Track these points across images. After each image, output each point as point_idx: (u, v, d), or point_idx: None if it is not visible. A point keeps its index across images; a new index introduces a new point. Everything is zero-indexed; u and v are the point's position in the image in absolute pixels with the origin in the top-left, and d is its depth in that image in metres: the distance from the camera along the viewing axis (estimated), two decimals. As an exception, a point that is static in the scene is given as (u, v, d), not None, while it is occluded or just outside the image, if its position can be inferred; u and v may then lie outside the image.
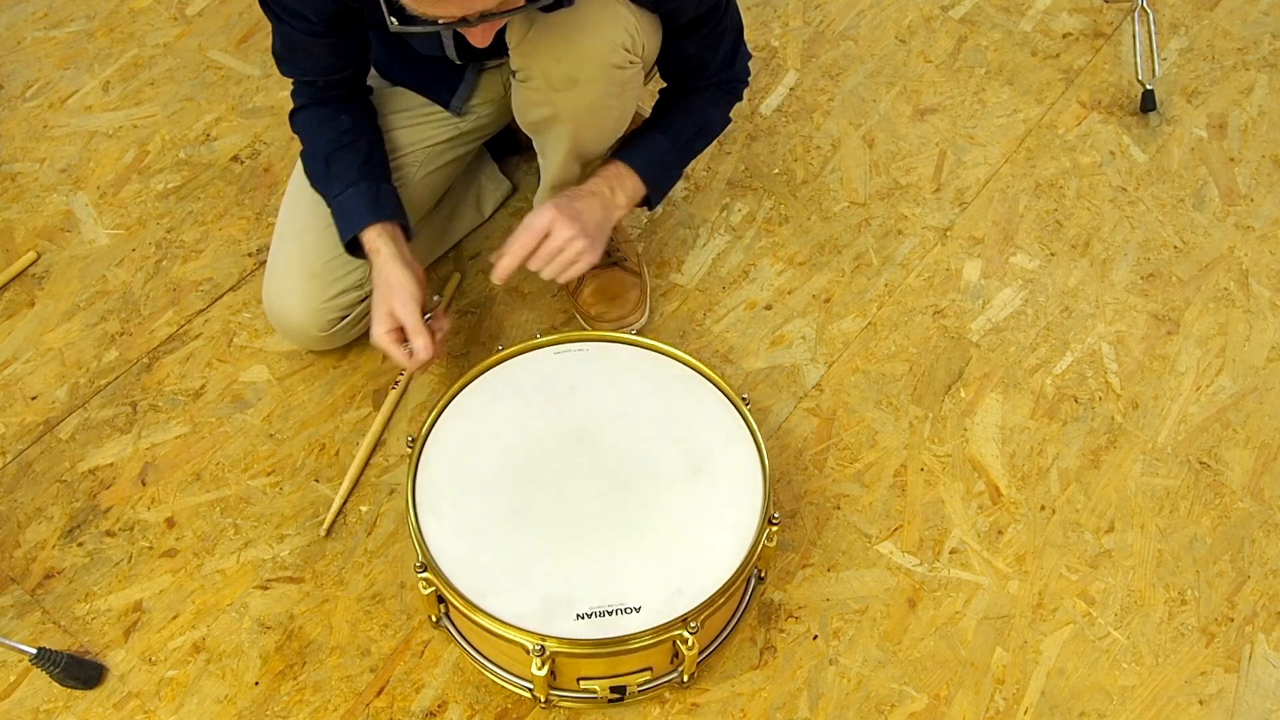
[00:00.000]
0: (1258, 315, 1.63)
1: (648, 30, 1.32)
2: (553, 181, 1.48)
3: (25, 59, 1.95)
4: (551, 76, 1.31)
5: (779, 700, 1.31)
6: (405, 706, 1.30)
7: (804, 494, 1.46)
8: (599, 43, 1.28)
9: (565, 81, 1.31)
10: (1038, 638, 1.35)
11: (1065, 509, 1.45)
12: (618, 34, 1.28)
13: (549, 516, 1.25)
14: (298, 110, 1.43)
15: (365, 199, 1.38)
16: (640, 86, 1.39)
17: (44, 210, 1.75)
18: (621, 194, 1.39)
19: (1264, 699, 1.31)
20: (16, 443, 1.51)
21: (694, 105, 1.44)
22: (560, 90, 1.32)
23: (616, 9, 1.28)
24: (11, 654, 1.33)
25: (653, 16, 1.33)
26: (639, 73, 1.35)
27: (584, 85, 1.31)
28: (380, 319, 1.34)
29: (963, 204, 1.76)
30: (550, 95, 1.33)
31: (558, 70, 1.30)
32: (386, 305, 1.34)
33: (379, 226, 1.36)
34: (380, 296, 1.35)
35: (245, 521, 1.44)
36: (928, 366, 1.58)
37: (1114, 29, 1.98)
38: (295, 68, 1.40)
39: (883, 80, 1.91)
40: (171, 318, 1.62)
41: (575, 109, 1.34)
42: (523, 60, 1.31)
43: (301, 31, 1.31)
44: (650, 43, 1.34)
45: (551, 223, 1.31)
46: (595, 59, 1.29)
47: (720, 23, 1.35)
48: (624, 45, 1.29)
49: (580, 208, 1.34)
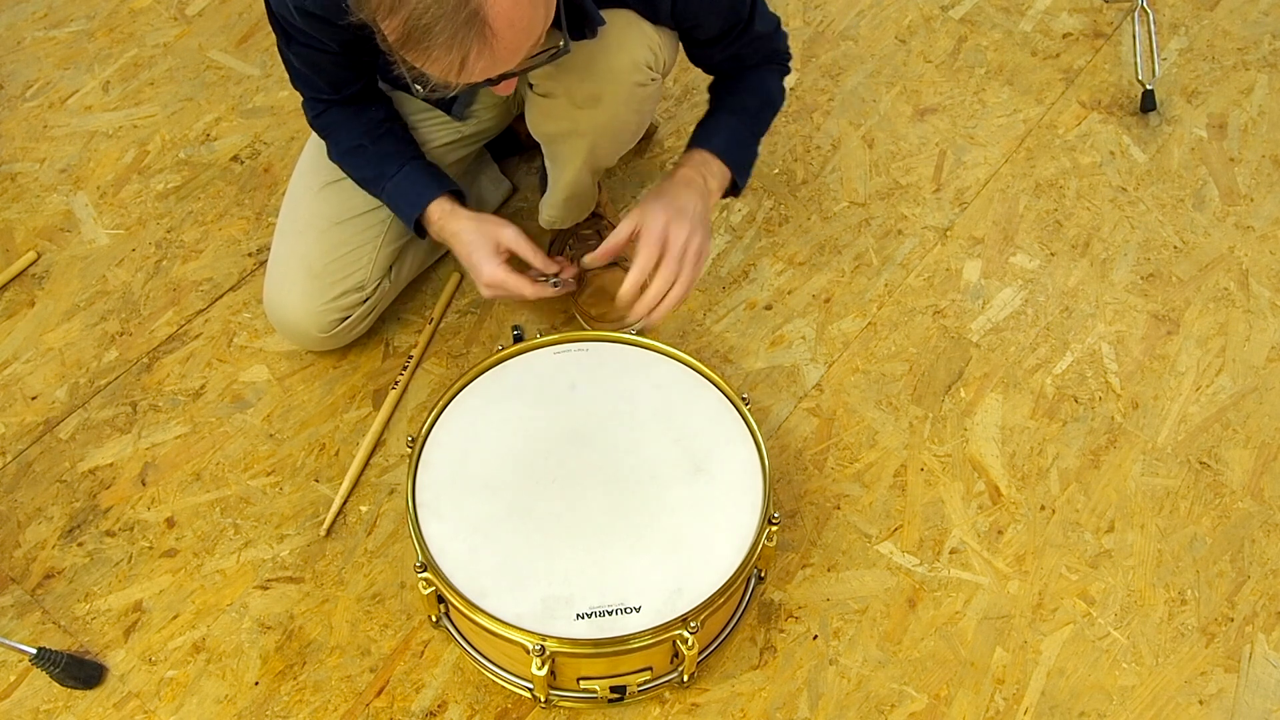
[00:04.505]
0: (1258, 315, 1.63)
1: (668, 44, 1.32)
2: (565, 193, 1.48)
3: (25, 59, 1.95)
4: (575, 95, 1.30)
5: (779, 700, 1.31)
6: (405, 706, 1.30)
7: (804, 494, 1.46)
8: (624, 61, 1.27)
9: (589, 100, 1.30)
10: (1038, 638, 1.35)
11: (1065, 509, 1.45)
12: (642, 52, 1.27)
13: (549, 516, 1.25)
14: (321, 113, 1.41)
15: (424, 175, 1.39)
16: (658, 97, 1.38)
17: (44, 210, 1.75)
18: (713, 179, 1.36)
19: (1264, 699, 1.31)
20: (16, 443, 1.51)
21: (751, 82, 1.41)
22: (583, 108, 1.31)
23: (640, 26, 1.27)
24: (11, 654, 1.33)
25: (671, 31, 1.33)
26: (659, 86, 1.35)
27: (607, 103, 1.31)
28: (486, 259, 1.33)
29: (963, 204, 1.76)
30: (572, 112, 1.33)
31: (582, 89, 1.29)
32: (490, 243, 1.34)
33: (444, 196, 1.38)
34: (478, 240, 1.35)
35: (245, 521, 1.44)
36: (928, 366, 1.58)
37: (1114, 29, 1.98)
38: (308, 84, 1.39)
39: (883, 80, 1.91)
40: (171, 318, 1.62)
41: (596, 125, 1.34)
42: (545, 79, 1.31)
43: (317, 50, 1.30)
44: (669, 56, 1.34)
45: (666, 226, 1.27)
46: (620, 78, 1.28)
47: (746, 32, 1.33)
48: (647, 63, 1.28)
49: (683, 203, 1.29)
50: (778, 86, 1.44)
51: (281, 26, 1.29)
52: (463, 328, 1.61)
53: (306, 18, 1.22)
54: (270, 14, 1.28)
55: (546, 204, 1.54)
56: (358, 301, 1.49)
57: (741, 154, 1.40)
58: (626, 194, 1.76)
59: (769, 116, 1.44)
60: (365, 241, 1.47)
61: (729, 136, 1.39)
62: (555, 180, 1.48)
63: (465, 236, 1.36)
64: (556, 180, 1.47)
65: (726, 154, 1.37)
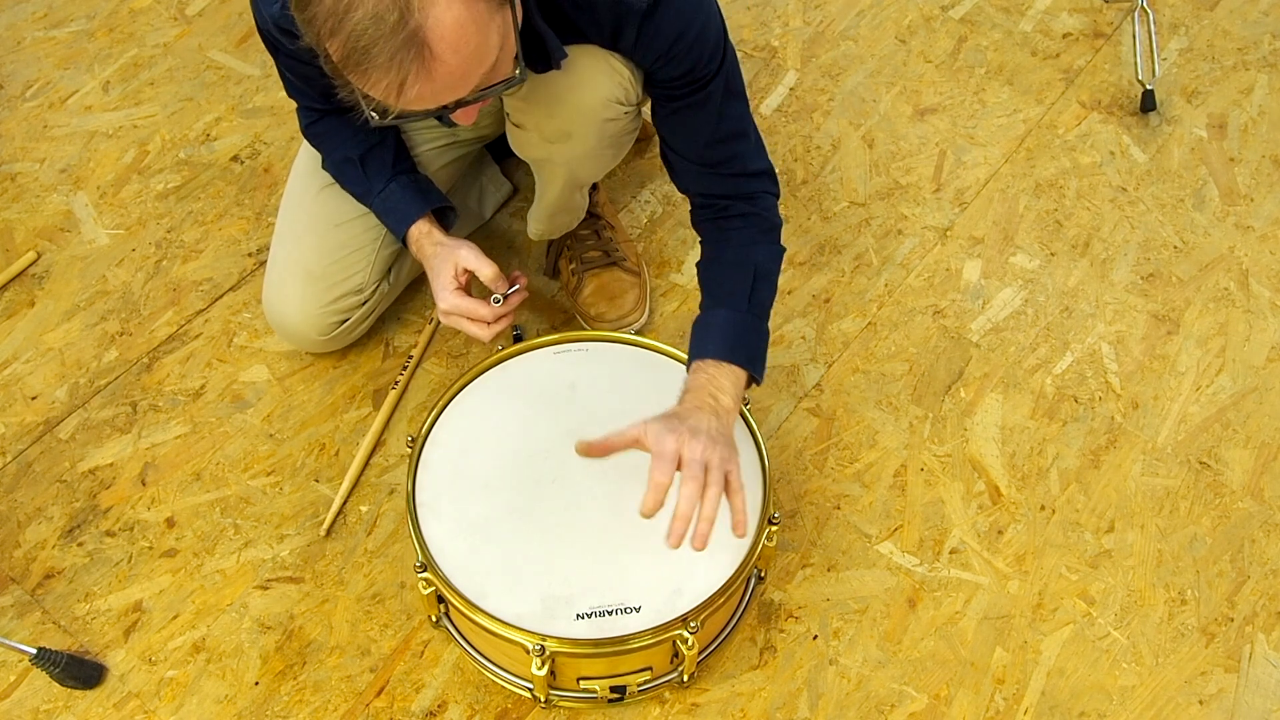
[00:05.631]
0: (1258, 315, 1.63)
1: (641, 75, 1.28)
2: (551, 209, 1.47)
3: (25, 59, 1.95)
4: (545, 131, 1.30)
5: (779, 700, 1.31)
6: (405, 706, 1.30)
7: (804, 494, 1.46)
8: (591, 99, 1.25)
9: (559, 135, 1.30)
10: (1038, 638, 1.35)
11: (1065, 509, 1.45)
12: (610, 89, 1.25)
13: (549, 516, 1.25)
14: (314, 122, 1.41)
15: (411, 191, 1.38)
16: (636, 127, 1.35)
17: (44, 210, 1.75)
18: (724, 395, 1.20)
19: (1264, 699, 1.31)
20: (16, 443, 1.51)
21: (732, 257, 1.29)
22: (554, 142, 1.31)
23: (608, 62, 1.24)
24: (11, 654, 1.33)
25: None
26: (634, 118, 1.32)
27: (577, 139, 1.30)
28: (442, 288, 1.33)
29: (963, 204, 1.76)
30: (544, 145, 1.32)
31: (551, 125, 1.29)
32: (448, 269, 1.33)
33: (423, 219, 1.37)
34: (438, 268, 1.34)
35: (245, 521, 1.44)
36: (928, 366, 1.58)
37: (1114, 29, 1.98)
38: (302, 94, 1.39)
39: (883, 80, 1.91)
40: (171, 318, 1.62)
41: (570, 157, 1.33)
42: (517, 111, 1.30)
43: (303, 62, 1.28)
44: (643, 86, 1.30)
45: (678, 443, 1.12)
46: (588, 115, 1.26)
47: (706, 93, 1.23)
48: (617, 99, 1.26)
49: (694, 423, 1.15)
50: (767, 250, 1.31)
51: (269, 41, 1.29)
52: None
53: (284, 32, 1.22)
54: (258, 28, 1.28)
55: (533, 217, 1.53)
56: (356, 304, 1.49)
57: (748, 347, 1.26)
58: (626, 194, 1.76)
59: (767, 291, 1.30)
60: (364, 244, 1.47)
61: (728, 335, 1.25)
62: (540, 195, 1.48)
63: (431, 264, 1.36)
64: (542, 196, 1.47)
65: (732, 356, 1.23)
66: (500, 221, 1.73)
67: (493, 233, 1.72)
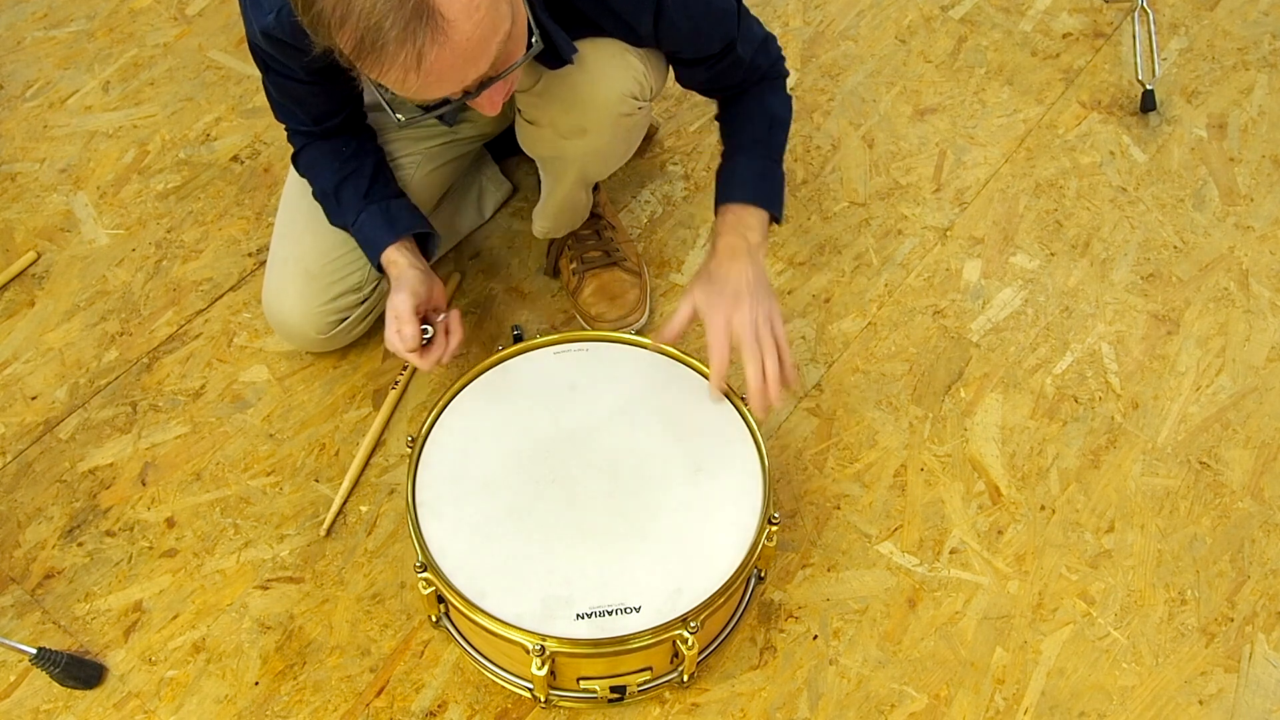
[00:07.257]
0: (1258, 315, 1.63)
1: (656, 68, 1.31)
2: (558, 207, 1.48)
3: (25, 59, 1.95)
4: (560, 126, 1.30)
5: (779, 700, 1.31)
6: (405, 706, 1.30)
7: (804, 494, 1.46)
8: (608, 94, 1.26)
9: (574, 131, 1.30)
10: (1038, 638, 1.35)
11: (1065, 509, 1.45)
12: (626, 84, 1.26)
13: (549, 516, 1.25)
14: (299, 153, 1.40)
15: (379, 221, 1.36)
16: (649, 122, 1.36)
17: (44, 210, 1.75)
18: (753, 233, 1.31)
19: (1264, 699, 1.31)
20: (16, 443, 1.51)
21: (751, 107, 1.37)
22: (569, 138, 1.31)
23: (624, 57, 1.26)
24: (11, 654, 1.33)
25: (658, 51, 1.31)
26: (647, 113, 1.34)
27: (593, 134, 1.30)
28: (389, 321, 1.33)
29: (963, 204, 1.76)
30: (558, 141, 1.32)
31: (566, 121, 1.29)
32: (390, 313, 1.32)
33: (397, 244, 1.36)
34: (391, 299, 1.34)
35: (245, 521, 1.44)
36: (928, 366, 1.58)
37: (1114, 29, 1.98)
38: (289, 116, 1.37)
39: (883, 80, 1.91)
40: (171, 318, 1.62)
41: (583, 152, 1.34)
42: (530, 107, 1.30)
43: (292, 80, 1.28)
44: (658, 80, 1.33)
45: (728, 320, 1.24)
46: (604, 110, 1.27)
47: (732, 51, 1.29)
48: (633, 94, 1.27)
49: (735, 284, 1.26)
50: (780, 100, 1.39)
51: (259, 57, 1.27)
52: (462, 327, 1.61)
53: (274, 44, 1.21)
54: (249, 43, 1.27)
55: (539, 215, 1.54)
56: (355, 303, 1.49)
57: (769, 188, 1.36)
58: (626, 194, 1.76)
59: (782, 135, 1.39)
60: None
61: (751, 178, 1.35)
62: (548, 193, 1.48)
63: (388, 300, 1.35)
64: (549, 194, 1.47)
65: (754, 197, 1.33)
66: (500, 221, 1.73)
67: (493, 233, 1.72)
